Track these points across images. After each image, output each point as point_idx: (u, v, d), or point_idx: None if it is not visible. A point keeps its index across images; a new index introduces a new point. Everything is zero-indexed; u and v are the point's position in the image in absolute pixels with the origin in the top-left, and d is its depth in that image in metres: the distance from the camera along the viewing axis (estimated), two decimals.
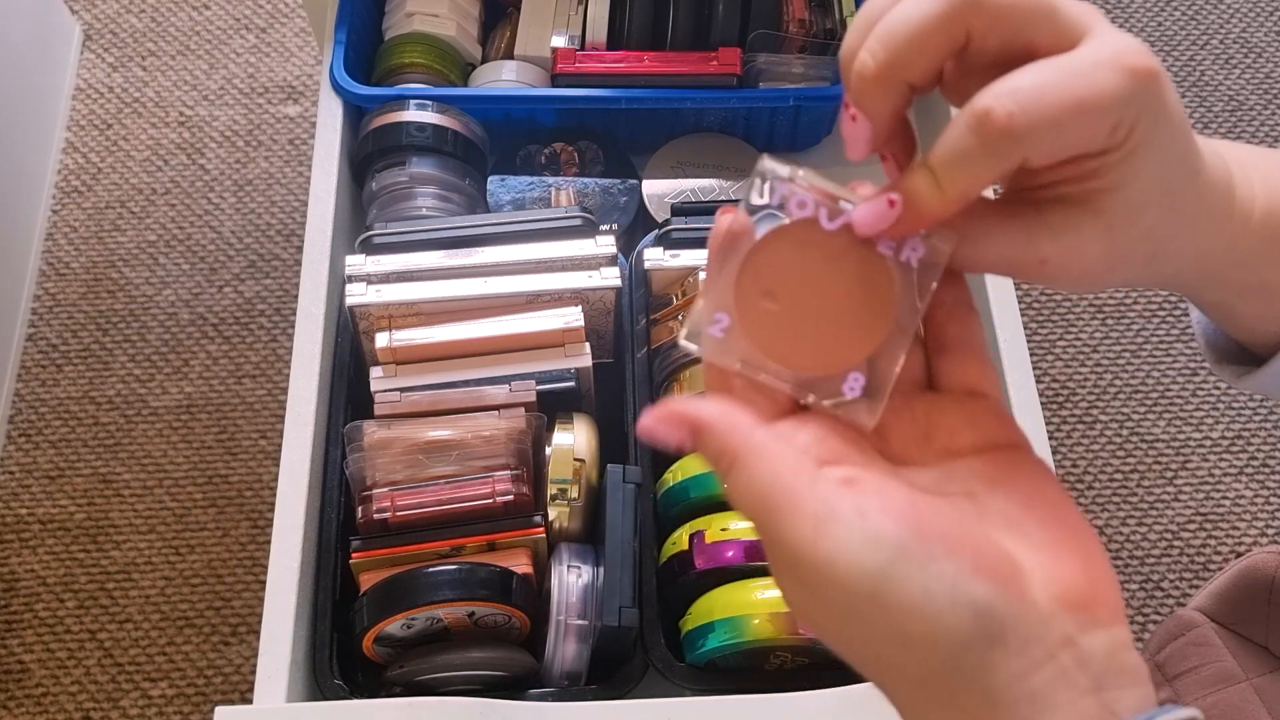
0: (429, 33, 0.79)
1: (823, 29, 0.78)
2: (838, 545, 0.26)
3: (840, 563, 0.26)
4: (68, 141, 1.37)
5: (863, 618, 0.26)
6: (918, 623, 0.26)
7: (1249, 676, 0.73)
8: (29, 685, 1.10)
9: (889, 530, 0.26)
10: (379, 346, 0.63)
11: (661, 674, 0.58)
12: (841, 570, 0.26)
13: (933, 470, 0.30)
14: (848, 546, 0.26)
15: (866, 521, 0.26)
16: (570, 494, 0.60)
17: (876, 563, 0.26)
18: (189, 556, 1.15)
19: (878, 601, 0.26)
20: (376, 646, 0.58)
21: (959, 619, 0.25)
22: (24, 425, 1.21)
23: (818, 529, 0.26)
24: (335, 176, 0.73)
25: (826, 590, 0.26)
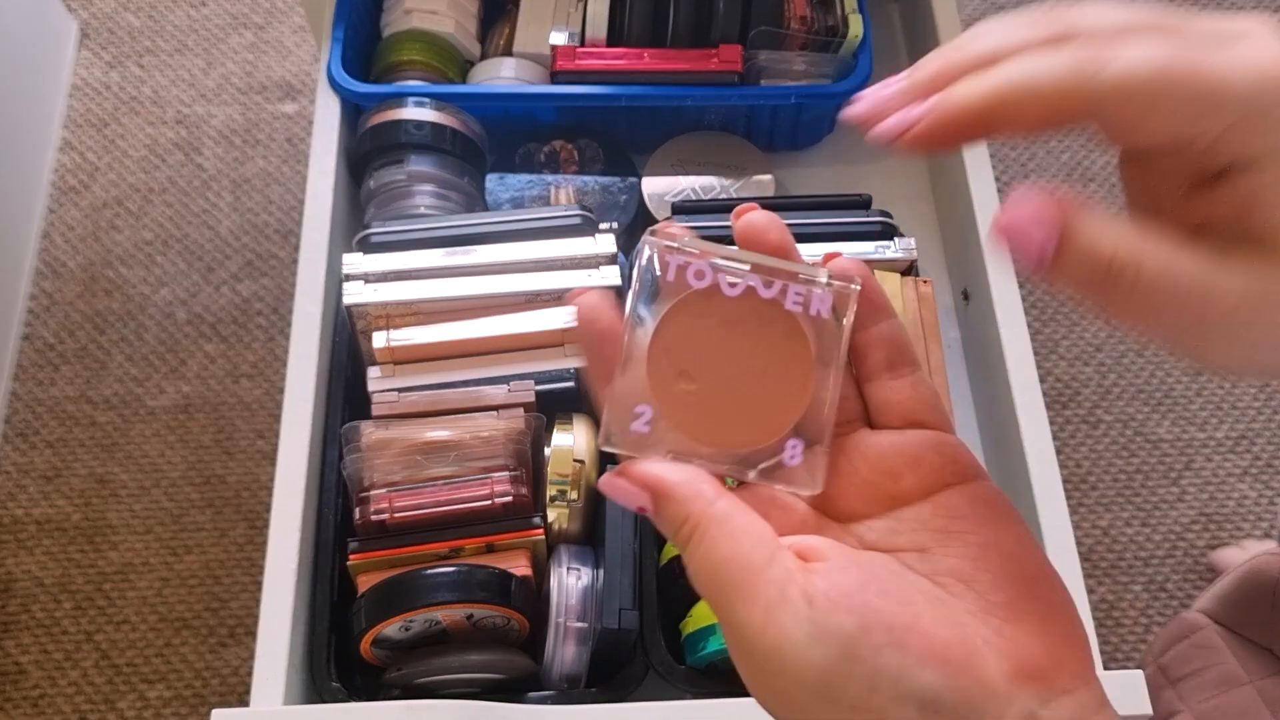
0: (427, 30, 0.79)
1: (824, 26, 0.77)
2: (786, 636, 0.25)
3: (788, 654, 0.25)
4: (64, 140, 1.36)
5: (811, 710, 0.25)
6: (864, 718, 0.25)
7: (1253, 679, 0.73)
8: (26, 687, 1.09)
9: (835, 622, 0.25)
10: (377, 346, 0.62)
11: (662, 677, 0.58)
12: (790, 662, 0.25)
13: (881, 521, 0.29)
14: (795, 639, 0.25)
15: (814, 611, 0.25)
16: (570, 495, 0.60)
17: (823, 657, 0.25)
18: (186, 558, 1.14)
19: (824, 695, 0.25)
20: (374, 649, 0.58)
21: (905, 714, 0.25)
22: (20, 425, 1.21)
23: (767, 616, 0.25)
24: (333, 175, 0.73)
25: (775, 679, 0.26)
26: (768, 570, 0.26)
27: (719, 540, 0.26)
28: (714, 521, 0.27)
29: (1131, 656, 1.10)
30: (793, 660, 0.25)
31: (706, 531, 0.26)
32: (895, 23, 0.88)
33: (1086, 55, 0.24)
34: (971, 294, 0.72)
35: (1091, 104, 0.24)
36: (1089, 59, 0.24)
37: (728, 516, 0.27)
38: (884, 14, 0.88)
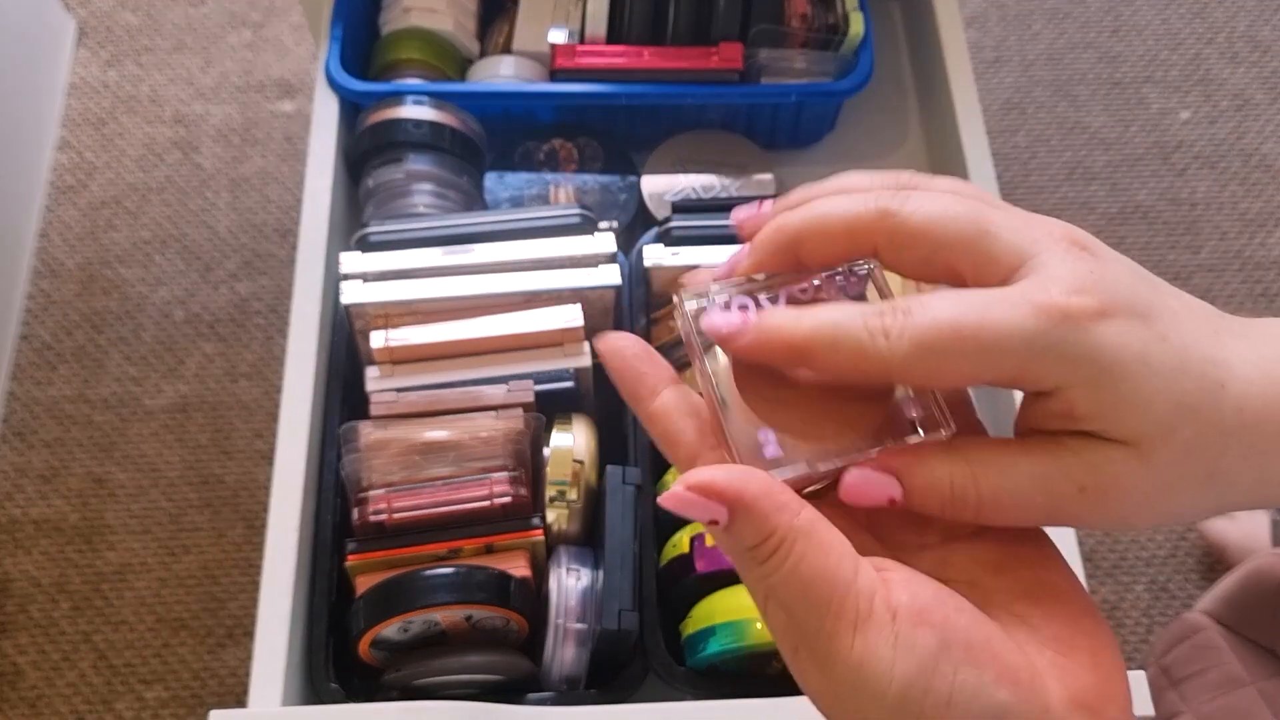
0: (426, 28, 0.78)
1: (825, 24, 0.77)
2: (871, 651, 0.26)
3: (871, 669, 0.26)
4: (62, 139, 1.36)
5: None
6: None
7: (1255, 680, 0.73)
8: (23, 688, 1.09)
9: (919, 637, 0.26)
10: (375, 346, 0.62)
11: (661, 678, 0.58)
12: (871, 677, 0.26)
13: (931, 555, 0.29)
14: (880, 654, 0.26)
15: (898, 625, 0.26)
16: (569, 496, 0.60)
17: (904, 673, 0.25)
18: (184, 558, 1.14)
19: (901, 710, 0.25)
20: (373, 650, 0.57)
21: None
22: (18, 425, 1.20)
23: (856, 632, 0.26)
24: (331, 173, 0.72)
25: (853, 695, 0.26)
26: (855, 583, 0.26)
27: (808, 554, 0.26)
28: (801, 535, 0.26)
29: (1133, 657, 1.10)
30: (875, 676, 0.26)
31: (794, 545, 0.26)
32: (896, 20, 0.88)
33: (885, 323, 0.27)
34: None
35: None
36: (888, 326, 0.27)
37: (813, 528, 0.27)
38: (885, 11, 0.88)
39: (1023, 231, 0.28)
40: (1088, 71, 1.40)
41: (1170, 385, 0.26)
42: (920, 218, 0.28)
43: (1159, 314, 0.27)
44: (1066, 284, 0.26)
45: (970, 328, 0.26)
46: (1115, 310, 0.26)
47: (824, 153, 0.82)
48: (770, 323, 0.28)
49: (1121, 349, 0.26)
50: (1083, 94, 1.39)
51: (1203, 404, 0.27)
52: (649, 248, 0.67)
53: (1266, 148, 1.36)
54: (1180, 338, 0.27)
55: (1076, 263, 0.27)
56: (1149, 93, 1.39)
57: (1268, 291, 1.28)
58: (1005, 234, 0.28)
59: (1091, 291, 0.26)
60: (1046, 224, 0.28)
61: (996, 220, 0.28)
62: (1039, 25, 1.44)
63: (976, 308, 0.26)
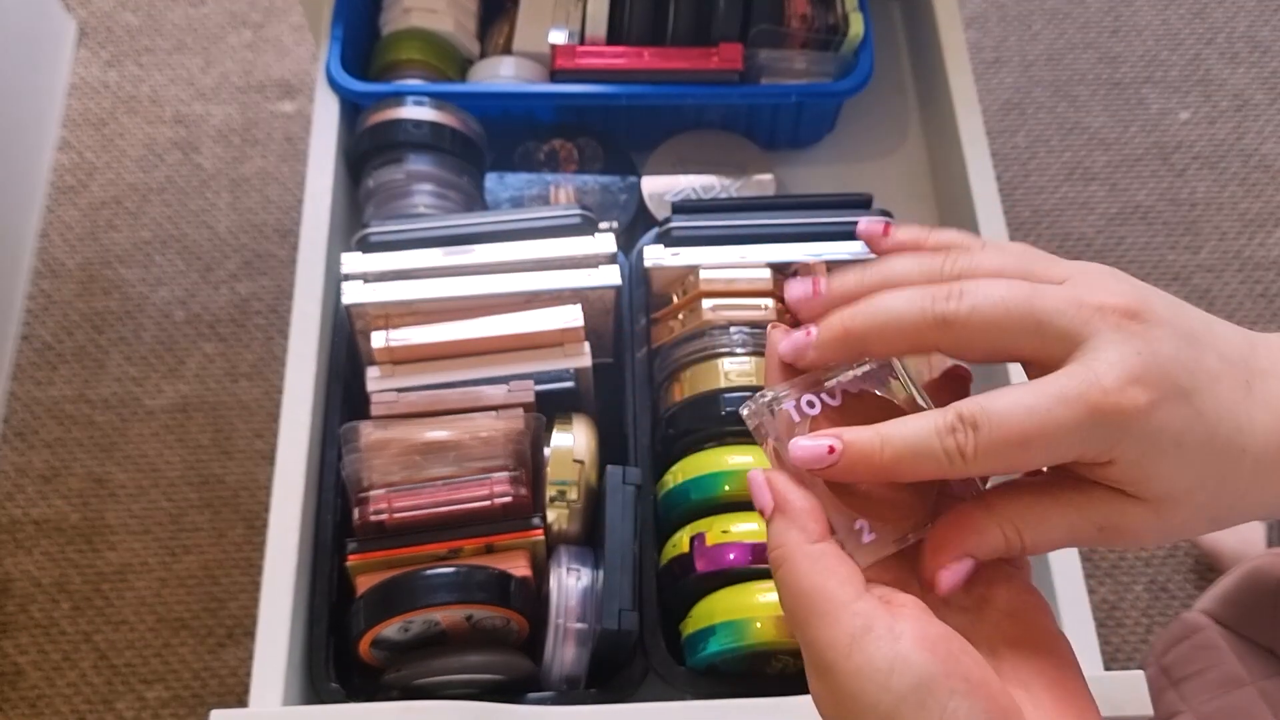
0: (426, 28, 0.79)
1: (825, 24, 0.77)
2: (869, 661, 0.28)
3: (868, 678, 0.28)
4: (62, 139, 1.36)
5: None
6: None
7: (1254, 680, 0.73)
8: (23, 688, 1.09)
9: (919, 658, 0.28)
10: (375, 346, 0.62)
11: (662, 678, 0.58)
12: (868, 686, 0.28)
13: (964, 616, 0.32)
14: (878, 665, 0.28)
15: (899, 644, 0.28)
16: (569, 496, 0.60)
17: (900, 687, 0.28)
18: (184, 558, 1.14)
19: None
20: (373, 650, 0.57)
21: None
22: (18, 425, 1.20)
23: (854, 642, 0.28)
24: (331, 174, 0.72)
25: (849, 700, 0.28)
26: (853, 604, 0.29)
27: (809, 573, 0.30)
28: (807, 557, 0.30)
29: (1133, 657, 1.10)
30: (872, 685, 0.28)
31: (797, 563, 0.30)
32: (896, 20, 0.88)
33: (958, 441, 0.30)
34: None
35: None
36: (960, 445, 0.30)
37: (822, 555, 0.30)
38: (885, 12, 0.88)
39: (1074, 313, 0.30)
40: (1087, 72, 1.41)
41: (1197, 460, 0.30)
42: (977, 321, 0.31)
43: (1199, 385, 0.30)
44: (1119, 375, 0.29)
45: (1035, 434, 0.29)
46: (1162, 397, 0.29)
47: (824, 153, 0.82)
48: (855, 453, 0.31)
49: (1162, 434, 0.29)
50: (1082, 94, 1.39)
51: (1223, 472, 0.30)
52: (649, 248, 0.67)
53: (1266, 148, 1.36)
54: (1215, 409, 0.30)
55: (1126, 345, 0.29)
56: (1149, 93, 1.39)
57: (1267, 292, 1.28)
58: (1058, 320, 0.30)
59: (1142, 381, 0.29)
60: (1098, 294, 0.31)
61: (1049, 307, 0.30)
62: (1039, 26, 1.44)
63: (1039, 414, 0.29)
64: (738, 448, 0.60)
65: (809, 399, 0.34)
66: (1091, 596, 1.11)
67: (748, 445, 0.60)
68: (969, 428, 0.30)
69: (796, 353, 0.34)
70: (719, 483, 0.59)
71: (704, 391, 0.62)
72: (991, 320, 0.31)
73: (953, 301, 0.31)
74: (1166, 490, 0.30)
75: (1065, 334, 0.30)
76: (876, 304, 0.32)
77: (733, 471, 0.59)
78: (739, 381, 0.61)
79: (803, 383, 0.34)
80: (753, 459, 0.59)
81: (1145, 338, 0.30)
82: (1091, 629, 0.58)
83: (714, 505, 0.59)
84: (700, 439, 0.62)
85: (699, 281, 0.65)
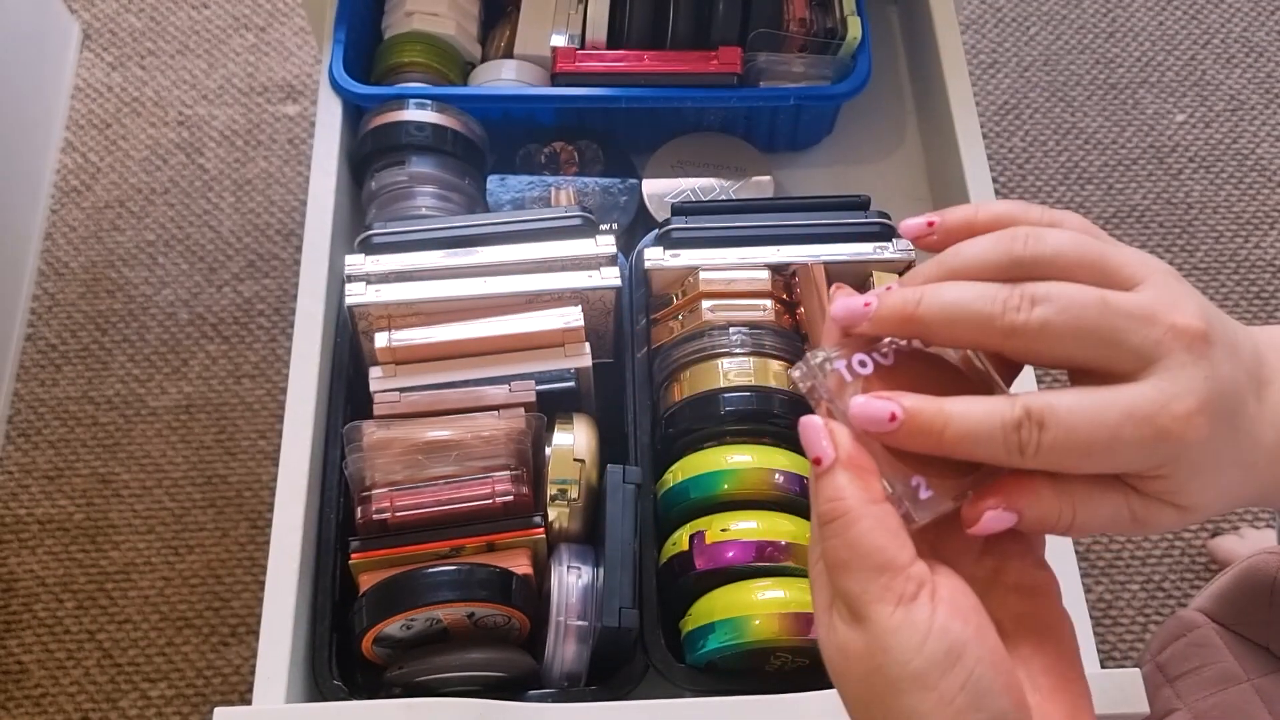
0: (428, 31, 0.79)
1: (823, 28, 0.78)
2: (910, 623, 0.30)
3: (906, 638, 0.30)
4: (66, 141, 1.37)
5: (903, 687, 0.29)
6: (940, 713, 0.29)
7: (1250, 677, 0.73)
8: (28, 686, 1.10)
9: (953, 626, 0.30)
10: (378, 346, 0.62)
11: (662, 675, 0.58)
12: (905, 644, 0.30)
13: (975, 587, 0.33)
14: (917, 627, 0.30)
15: (938, 611, 0.30)
16: (570, 494, 0.60)
17: (934, 651, 0.29)
18: (188, 557, 1.15)
19: (921, 682, 0.29)
20: (376, 647, 0.58)
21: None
22: (23, 425, 1.21)
23: (900, 602, 0.30)
24: (334, 176, 0.73)
25: (883, 654, 0.30)
26: (909, 568, 0.30)
27: (872, 530, 0.31)
28: (871, 515, 0.31)
29: (1129, 655, 1.10)
30: (909, 644, 0.30)
31: (859, 517, 0.31)
32: (894, 24, 0.88)
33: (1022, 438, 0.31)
34: None
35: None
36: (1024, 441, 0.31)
37: (885, 515, 0.31)
38: (883, 16, 0.88)
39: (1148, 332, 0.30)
40: (1084, 75, 1.41)
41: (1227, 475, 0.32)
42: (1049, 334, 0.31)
43: (1239, 406, 0.31)
44: (1191, 404, 0.30)
45: (1101, 446, 0.30)
46: (1219, 423, 0.30)
47: (822, 155, 0.83)
48: (916, 424, 0.31)
49: (1208, 455, 0.31)
50: (1079, 97, 1.40)
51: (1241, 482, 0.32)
52: (649, 249, 0.68)
53: (1261, 150, 1.36)
54: (1244, 427, 0.31)
55: (1197, 371, 0.30)
56: (1144, 96, 1.40)
57: (1262, 293, 1.29)
58: (1133, 339, 0.30)
59: (1207, 410, 0.30)
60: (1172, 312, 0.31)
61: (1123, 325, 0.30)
62: (1035, 29, 1.45)
63: (1107, 427, 0.30)
64: (737, 447, 0.60)
65: (860, 358, 0.33)
66: (1088, 594, 1.11)
67: (747, 444, 0.60)
68: (1036, 426, 0.30)
69: (851, 319, 0.33)
70: (718, 481, 0.59)
71: (703, 391, 0.62)
72: (1064, 333, 0.31)
73: (1023, 313, 0.31)
74: (1199, 501, 0.32)
75: (1139, 353, 0.30)
76: (945, 295, 0.32)
77: (732, 470, 0.59)
78: (738, 381, 0.61)
79: (854, 343, 0.34)
80: (752, 458, 0.59)
81: (1212, 362, 0.30)
82: (1088, 626, 0.58)
83: (713, 504, 0.60)
84: (700, 438, 0.62)
85: (698, 282, 0.65)
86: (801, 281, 0.66)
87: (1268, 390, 0.32)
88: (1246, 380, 0.32)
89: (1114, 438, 0.30)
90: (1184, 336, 0.30)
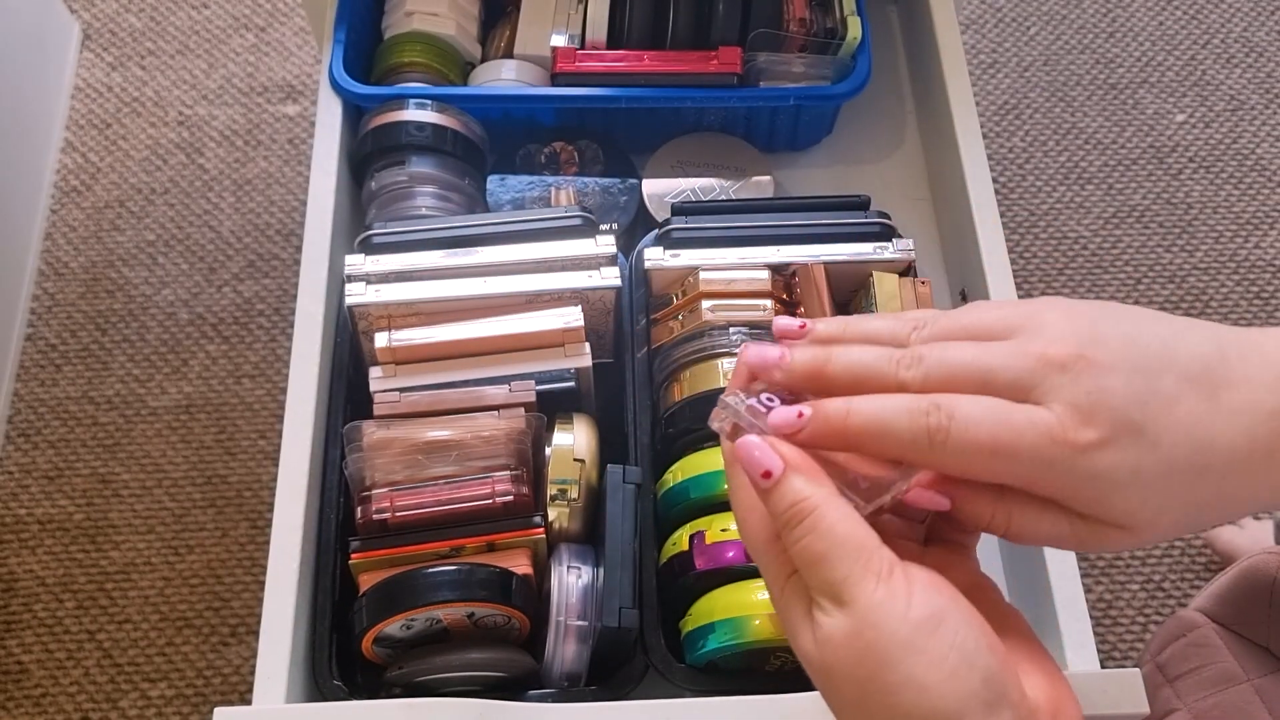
0: (428, 31, 0.79)
1: (823, 28, 0.78)
2: (891, 594, 0.31)
3: (890, 608, 0.31)
4: (66, 141, 1.37)
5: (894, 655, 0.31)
6: (935, 674, 0.30)
7: (1250, 677, 0.73)
8: (28, 686, 1.10)
9: (933, 596, 0.31)
10: (378, 346, 0.62)
11: (662, 675, 0.58)
12: (890, 614, 0.31)
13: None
14: (898, 596, 0.31)
15: (914, 586, 0.32)
16: (570, 494, 0.60)
17: (918, 615, 0.31)
18: (188, 557, 1.15)
19: (910, 646, 0.30)
20: (376, 647, 0.58)
21: (971, 679, 0.30)
22: (23, 425, 1.21)
23: (879, 578, 0.31)
24: (334, 176, 0.73)
25: (870, 630, 0.31)
26: (880, 549, 0.32)
27: (844, 519, 0.32)
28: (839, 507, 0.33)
29: (1129, 655, 1.10)
30: (893, 613, 0.31)
31: (830, 510, 0.33)
32: (894, 24, 0.88)
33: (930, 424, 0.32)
34: (969, 294, 0.73)
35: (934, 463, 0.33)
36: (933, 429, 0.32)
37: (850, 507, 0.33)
38: (883, 16, 0.88)
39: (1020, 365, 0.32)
40: (1084, 75, 1.41)
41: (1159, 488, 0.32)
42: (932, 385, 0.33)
43: (1151, 415, 0.32)
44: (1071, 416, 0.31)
45: (1005, 446, 0.31)
46: (1113, 434, 0.31)
47: (822, 155, 0.83)
48: (822, 417, 0.34)
49: (1117, 470, 0.31)
50: (1079, 97, 1.40)
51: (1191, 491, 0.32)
52: (649, 249, 0.68)
53: (1261, 150, 1.36)
54: (1172, 436, 0.32)
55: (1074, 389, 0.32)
56: (1144, 95, 1.40)
57: (1262, 293, 1.29)
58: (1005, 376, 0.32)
59: (1092, 421, 0.31)
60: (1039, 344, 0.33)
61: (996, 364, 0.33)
62: (1035, 29, 1.45)
63: (1011, 428, 0.31)
64: None
65: (766, 396, 0.36)
66: (1088, 595, 1.11)
67: None
68: (946, 416, 0.32)
69: (764, 368, 0.36)
70: (718, 481, 0.59)
71: (703, 391, 0.62)
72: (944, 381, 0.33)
73: (912, 369, 0.33)
74: (1134, 518, 0.32)
75: (1017, 386, 0.32)
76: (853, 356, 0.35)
77: None
78: None
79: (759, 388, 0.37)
80: None
81: (1095, 376, 0.32)
82: (1088, 626, 0.58)
83: (713, 504, 0.60)
84: (700, 438, 0.62)
85: (698, 282, 0.65)
86: (801, 281, 0.66)
87: (1226, 392, 0.32)
88: (1175, 387, 0.32)
89: (1017, 440, 0.31)
90: (1054, 361, 0.32)
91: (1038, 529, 0.34)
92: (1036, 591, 0.61)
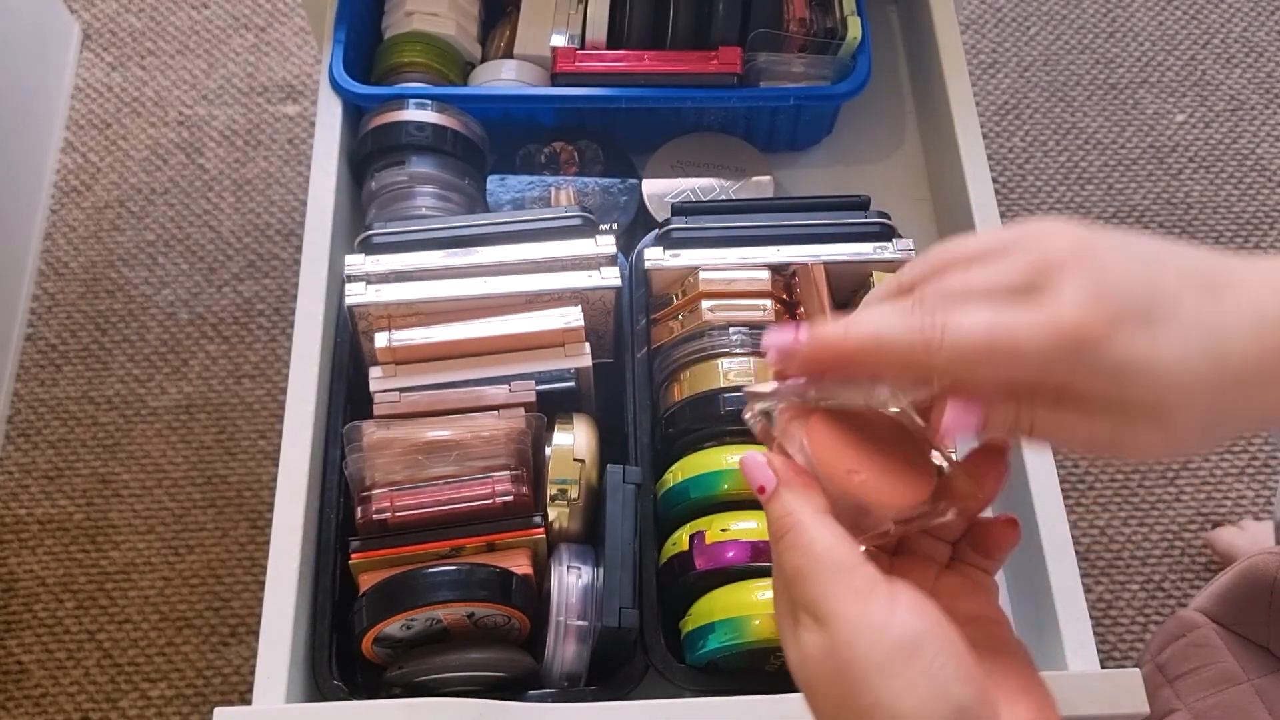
0: (428, 31, 0.79)
1: (823, 28, 0.78)
2: (868, 614, 0.31)
3: (865, 628, 0.31)
4: (66, 141, 1.37)
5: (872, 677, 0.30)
6: (908, 701, 0.30)
7: (1250, 678, 0.73)
8: (28, 686, 1.10)
9: (913, 618, 0.31)
10: (378, 346, 0.62)
11: (661, 675, 0.58)
12: (865, 635, 0.31)
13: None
14: (876, 617, 0.31)
15: (896, 603, 0.31)
16: (570, 494, 0.60)
17: (896, 639, 0.30)
18: (188, 557, 1.15)
19: (886, 670, 0.30)
20: (376, 647, 0.58)
21: (943, 709, 0.30)
22: (23, 425, 1.21)
23: (858, 596, 0.31)
24: (334, 176, 0.73)
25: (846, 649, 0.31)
26: (860, 567, 0.32)
27: (824, 536, 0.33)
28: (822, 524, 0.33)
29: (1129, 655, 1.10)
30: (869, 633, 0.31)
31: (811, 526, 0.33)
32: (894, 24, 0.88)
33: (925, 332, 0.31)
34: None
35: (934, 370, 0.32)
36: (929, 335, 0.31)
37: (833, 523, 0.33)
38: (883, 16, 0.88)
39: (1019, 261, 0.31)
40: (1084, 75, 1.41)
41: (1177, 374, 0.30)
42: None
43: (1158, 303, 0.31)
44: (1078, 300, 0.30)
45: (1002, 343, 0.30)
46: (1120, 316, 0.30)
47: (822, 155, 0.83)
48: (819, 337, 0.33)
49: (1130, 357, 0.30)
50: (1079, 97, 1.40)
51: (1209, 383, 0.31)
52: (649, 249, 0.68)
53: (1261, 150, 1.36)
54: (1181, 325, 0.30)
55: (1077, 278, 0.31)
56: (1144, 96, 1.40)
57: None
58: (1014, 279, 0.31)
59: (1100, 302, 0.30)
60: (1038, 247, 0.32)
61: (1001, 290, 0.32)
62: (1035, 29, 1.45)
63: (1005, 327, 0.30)
64: (737, 447, 0.60)
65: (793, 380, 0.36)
66: (1088, 595, 1.11)
67: (746, 444, 0.61)
68: (938, 327, 0.31)
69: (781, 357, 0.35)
70: (718, 481, 0.59)
71: (703, 391, 0.62)
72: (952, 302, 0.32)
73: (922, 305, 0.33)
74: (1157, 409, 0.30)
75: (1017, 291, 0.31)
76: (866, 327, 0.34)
77: (732, 470, 0.59)
78: (738, 381, 0.61)
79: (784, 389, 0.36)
80: None
81: (1096, 266, 0.31)
82: (1088, 626, 0.58)
83: (713, 504, 0.60)
84: (699, 438, 0.62)
85: (698, 282, 0.65)
86: (801, 281, 0.66)
87: (1226, 292, 0.31)
88: (1176, 282, 0.31)
89: (1015, 336, 0.30)
90: (1052, 262, 0.31)
91: (1061, 428, 0.32)
92: (1036, 591, 0.61)
